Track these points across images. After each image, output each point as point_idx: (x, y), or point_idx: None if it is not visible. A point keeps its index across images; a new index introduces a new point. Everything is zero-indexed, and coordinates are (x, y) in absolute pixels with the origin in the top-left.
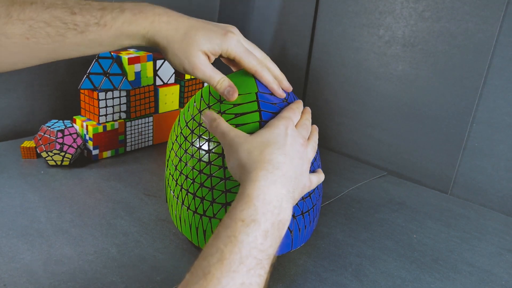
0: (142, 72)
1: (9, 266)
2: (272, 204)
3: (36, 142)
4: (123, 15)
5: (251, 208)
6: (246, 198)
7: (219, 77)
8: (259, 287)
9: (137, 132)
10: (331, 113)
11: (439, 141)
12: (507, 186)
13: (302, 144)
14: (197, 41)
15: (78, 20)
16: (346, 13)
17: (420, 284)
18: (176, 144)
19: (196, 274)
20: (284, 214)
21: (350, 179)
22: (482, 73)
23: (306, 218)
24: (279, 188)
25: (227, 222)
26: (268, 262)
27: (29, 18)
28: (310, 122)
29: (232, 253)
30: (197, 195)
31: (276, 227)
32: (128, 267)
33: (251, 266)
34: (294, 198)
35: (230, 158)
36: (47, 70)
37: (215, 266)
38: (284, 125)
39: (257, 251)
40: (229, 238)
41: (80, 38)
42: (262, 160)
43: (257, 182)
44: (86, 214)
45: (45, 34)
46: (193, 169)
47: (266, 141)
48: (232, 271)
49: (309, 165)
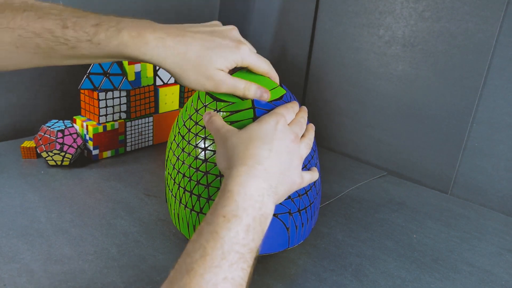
0: (142, 72)
1: (9, 266)
2: (253, 198)
3: (36, 142)
4: (119, 36)
5: (233, 204)
6: (228, 193)
7: (243, 85)
8: (242, 281)
9: (137, 132)
10: (331, 113)
11: (439, 141)
12: (507, 186)
13: (292, 140)
14: (213, 62)
15: (69, 35)
16: (346, 13)
17: (420, 284)
18: (174, 144)
19: (180, 271)
20: (265, 208)
21: (350, 179)
22: (482, 73)
23: (303, 215)
24: (260, 182)
25: (209, 218)
26: (251, 256)
27: (19, 27)
28: (306, 120)
29: (214, 249)
30: (194, 193)
31: (258, 222)
32: (128, 267)
33: (233, 261)
34: (277, 193)
35: (218, 152)
36: (47, 70)
37: (198, 262)
38: (274, 120)
39: (239, 246)
40: (211, 234)
41: (72, 52)
42: (245, 156)
43: (237, 177)
44: (86, 214)
45: (34, 45)
46: (189, 167)
47: (253, 135)
48: (215, 267)
49: (301, 162)
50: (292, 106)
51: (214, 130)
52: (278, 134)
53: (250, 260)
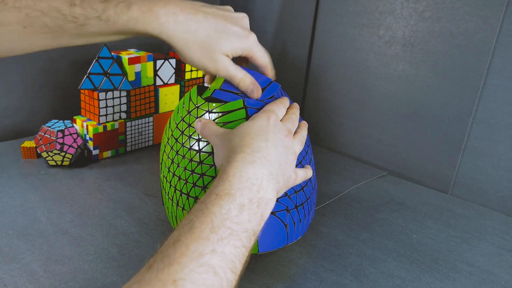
0: (142, 72)
1: (9, 266)
2: (250, 181)
3: (37, 142)
4: (129, 11)
5: (226, 184)
6: (223, 176)
7: (241, 75)
8: (235, 258)
9: (137, 132)
10: (331, 113)
11: (439, 141)
12: (507, 186)
13: (286, 135)
14: (219, 46)
15: (78, 13)
16: (346, 13)
17: (420, 284)
18: (168, 146)
19: (167, 244)
20: (264, 192)
21: (350, 179)
22: (482, 73)
23: (301, 211)
24: (258, 167)
25: (202, 199)
26: (247, 236)
27: (26, 6)
28: (298, 116)
29: (204, 223)
30: (191, 195)
31: (255, 204)
32: (128, 267)
33: (223, 236)
34: (279, 182)
35: (216, 154)
36: (47, 70)
37: (185, 235)
38: (266, 116)
39: (230, 222)
40: (202, 210)
41: (81, 30)
42: (242, 145)
43: (234, 162)
44: (86, 214)
45: (42, 24)
46: (185, 170)
47: (247, 129)
48: (202, 238)
49: (295, 158)
50: (282, 101)
51: (209, 135)
52: (271, 128)
53: (245, 240)
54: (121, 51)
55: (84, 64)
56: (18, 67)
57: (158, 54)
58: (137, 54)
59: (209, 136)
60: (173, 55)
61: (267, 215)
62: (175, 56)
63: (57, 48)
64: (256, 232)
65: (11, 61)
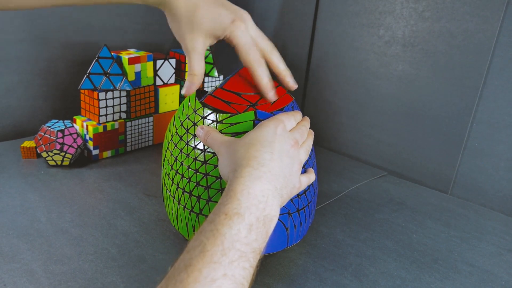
0: (142, 72)
1: (9, 266)
2: (256, 198)
3: (36, 142)
4: None
5: (235, 202)
6: (231, 193)
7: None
8: (244, 280)
9: (137, 132)
10: (331, 113)
11: (439, 141)
12: (507, 186)
13: (292, 145)
14: (203, 23)
15: None
16: (346, 13)
17: (420, 284)
18: (172, 144)
19: (178, 267)
20: (270, 209)
21: (350, 179)
22: (482, 73)
23: (302, 215)
24: (264, 183)
25: (211, 217)
26: (254, 256)
27: None
28: (307, 129)
29: (214, 246)
30: (193, 194)
31: (261, 222)
32: (128, 267)
33: (234, 258)
34: (282, 196)
35: (221, 162)
36: (47, 70)
37: (197, 258)
38: (274, 125)
39: (240, 244)
40: (212, 231)
41: None
42: (247, 157)
43: (241, 178)
44: (86, 214)
45: None
46: (188, 168)
47: (253, 140)
48: (214, 262)
49: (300, 167)
50: (293, 114)
51: (213, 143)
52: (278, 138)
53: (252, 260)
54: (121, 51)
55: (84, 64)
56: (18, 67)
57: (158, 54)
58: (137, 54)
59: (213, 144)
60: (173, 55)
61: (271, 232)
62: (175, 56)
63: (57, 48)
64: (261, 250)
65: (11, 61)
